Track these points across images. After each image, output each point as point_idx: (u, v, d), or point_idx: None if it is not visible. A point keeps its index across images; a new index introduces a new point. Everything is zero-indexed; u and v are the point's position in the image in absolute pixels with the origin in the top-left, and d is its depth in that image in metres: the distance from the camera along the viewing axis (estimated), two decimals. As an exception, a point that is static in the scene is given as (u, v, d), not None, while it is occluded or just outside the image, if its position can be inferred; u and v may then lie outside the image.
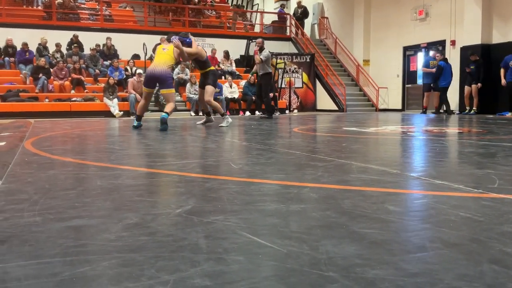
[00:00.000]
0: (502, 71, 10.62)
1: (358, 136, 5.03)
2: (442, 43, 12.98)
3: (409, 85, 14.59)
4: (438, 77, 11.76)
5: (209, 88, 6.83)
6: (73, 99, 11.63)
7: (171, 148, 3.92)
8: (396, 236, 1.34)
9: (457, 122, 8.12)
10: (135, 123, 6.31)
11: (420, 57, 14.07)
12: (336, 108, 14.67)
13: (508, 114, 10.37)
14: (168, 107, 6.21)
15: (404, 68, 14.62)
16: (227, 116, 7.08)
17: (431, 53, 12.53)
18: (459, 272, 1.03)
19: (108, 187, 2.08)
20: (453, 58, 12.24)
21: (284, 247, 1.21)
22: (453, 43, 12.70)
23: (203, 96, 6.98)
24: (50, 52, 13.19)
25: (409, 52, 14.50)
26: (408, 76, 14.64)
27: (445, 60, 11.88)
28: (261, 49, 9.39)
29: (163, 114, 6.03)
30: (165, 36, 6.82)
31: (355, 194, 1.91)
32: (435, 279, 1.00)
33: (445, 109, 12.03)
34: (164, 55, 6.21)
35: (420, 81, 14.16)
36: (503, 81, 10.55)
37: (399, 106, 14.60)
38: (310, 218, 1.51)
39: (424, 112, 12.12)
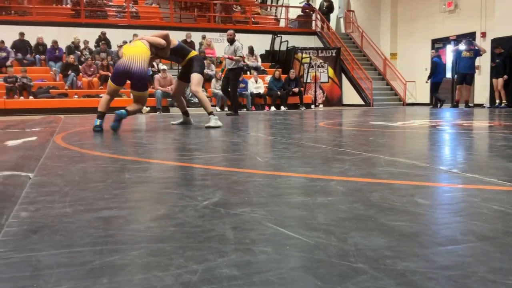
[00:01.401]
0: None
1: (386, 130, 4.95)
2: (472, 35, 12.66)
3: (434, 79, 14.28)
4: (433, 73, 12.20)
5: (195, 76, 5.53)
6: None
7: (197, 142, 3.95)
8: (426, 228, 1.31)
9: (488, 116, 7.91)
10: (97, 123, 4.97)
11: (450, 50, 13.76)
12: (363, 103, 14.50)
13: None
14: (133, 106, 5.16)
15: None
16: (215, 116, 5.66)
17: (463, 44, 12.24)
18: (493, 265, 1.00)
19: (136, 179, 2.11)
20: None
21: (312, 239, 1.20)
22: (483, 35, 12.38)
23: (179, 90, 6.03)
24: (80, 49, 13.44)
25: (437, 45, 14.20)
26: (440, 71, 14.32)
27: (439, 56, 12.15)
28: (232, 41, 8.99)
29: (121, 110, 4.95)
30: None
31: (383, 187, 1.88)
32: (468, 271, 0.97)
33: (439, 103, 12.45)
34: (135, 48, 5.09)
35: (449, 74, 13.86)
36: None
37: (427, 100, 14.34)
38: (337, 211, 1.49)
39: (456, 106, 11.86)
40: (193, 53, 5.78)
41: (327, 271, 0.98)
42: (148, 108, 11.67)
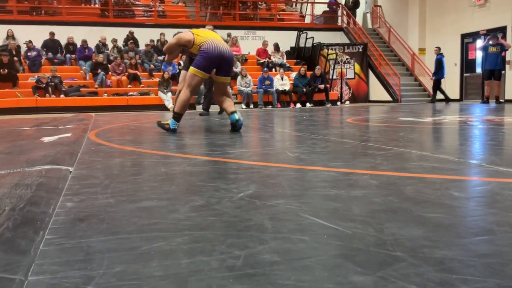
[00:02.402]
0: None
1: (415, 126, 4.91)
2: (503, 29, 12.36)
3: (468, 74, 14.02)
4: (438, 70, 12.38)
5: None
6: (130, 93, 12.06)
7: (226, 138, 4.00)
8: (462, 220, 1.32)
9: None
10: (176, 126, 4.47)
11: (479, 45, 13.47)
12: (390, 99, 14.34)
13: None
14: (231, 103, 4.53)
15: (462, 57, 14.06)
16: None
17: (490, 40, 11.98)
18: (532, 255, 1.01)
19: (171, 173, 2.17)
20: (516, 44, 11.64)
21: (349, 229, 1.23)
22: (515, 29, 12.07)
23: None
24: (108, 48, 13.71)
25: (467, 39, 13.92)
26: (466, 64, 14.07)
27: (442, 54, 12.32)
28: None
29: (236, 116, 4.33)
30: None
31: (417, 181, 1.88)
32: (506, 259, 0.99)
33: (444, 97, 12.81)
34: (210, 32, 4.59)
35: (478, 70, 13.59)
36: None
37: (457, 96, 14.07)
38: (372, 203, 1.52)
39: (486, 102, 11.62)
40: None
41: (366, 258, 1.01)
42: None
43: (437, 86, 13.02)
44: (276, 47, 14.86)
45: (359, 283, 0.88)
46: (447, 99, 12.81)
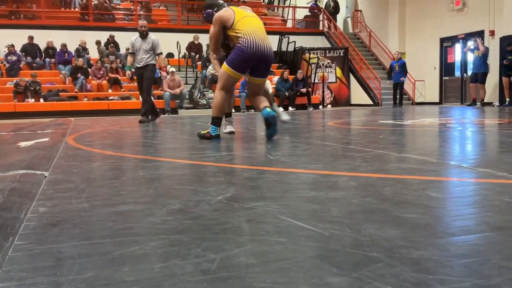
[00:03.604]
0: None
1: (395, 128, 4.95)
2: (480, 33, 12.59)
3: (447, 78, 14.23)
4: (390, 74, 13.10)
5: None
6: (111, 97, 11.93)
7: (206, 142, 3.97)
8: (440, 220, 1.32)
9: (497, 114, 7.87)
10: (217, 131, 3.91)
11: (458, 48, 13.71)
12: (371, 103, 14.47)
13: None
14: (264, 99, 3.86)
15: (442, 60, 14.27)
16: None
17: (472, 43, 12.19)
18: (507, 253, 1.02)
19: (149, 177, 2.14)
20: (493, 49, 11.86)
21: (326, 230, 1.22)
22: (492, 33, 12.30)
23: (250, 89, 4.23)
24: (89, 52, 13.56)
25: (446, 43, 14.14)
26: (446, 68, 14.28)
27: (400, 58, 12.77)
28: (146, 34, 7.20)
29: (268, 109, 3.68)
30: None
31: (395, 182, 1.89)
32: (483, 259, 0.98)
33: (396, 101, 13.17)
34: (258, 19, 3.91)
35: (457, 73, 13.81)
36: None
37: (437, 99, 14.27)
38: (350, 204, 1.51)
39: (473, 104, 11.79)
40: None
41: (343, 259, 1.00)
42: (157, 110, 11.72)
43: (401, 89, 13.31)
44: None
45: (334, 284, 0.86)
46: (395, 103, 13.15)
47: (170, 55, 14.63)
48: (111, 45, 13.63)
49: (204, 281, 0.89)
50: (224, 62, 3.80)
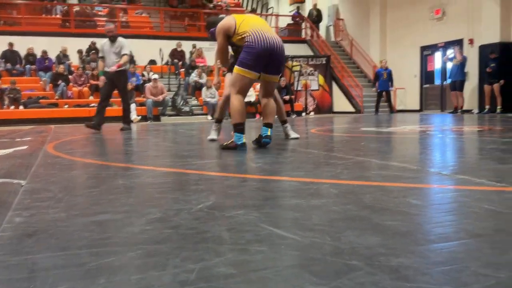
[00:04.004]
0: None
1: (377, 136, 5.00)
2: (459, 42, 12.83)
3: (427, 85, 14.45)
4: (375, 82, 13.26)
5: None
6: (92, 104, 11.79)
7: (189, 149, 3.95)
8: (419, 227, 1.33)
9: (477, 121, 8.01)
10: (243, 139, 3.55)
11: (438, 56, 13.94)
12: (353, 110, 14.59)
13: None
14: (272, 111, 3.79)
15: (422, 68, 14.49)
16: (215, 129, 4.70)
17: (451, 51, 12.41)
18: (485, 260, 1.02)
19: (129, 185, 2.11)
20: (472, 57, 12.09)
21: (307, 238, 1.21)
22: (471, 41, 12.55)
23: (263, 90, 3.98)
24: (70, 59, 13.42)
25: (426, 52, 14.37)
26: (426, 76, 14.50)
27: (382, 67, 13.03)
28: (115, 37, 6.84)
29: (268, 132, 3.67)
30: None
31: (376, 189, 1.90)
32: (461, 266, 0.99)
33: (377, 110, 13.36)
34: (260, 20, 3.82)
35: (437, 81, 14.04)
36: None
37: (417, 107, 14.47)
38: (331, 212, 1.51)
39: (455, 112, 11.97)
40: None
41: (323, 268, 1.00)
42: (139, 117, 11.65)
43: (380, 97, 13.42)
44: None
45: (314, 293, 0.86)
46: (376, 111, 13.27)
47: (152, 62, 14.57)
48: (93, 51, 13.51)
49: (182, 292, 0.87)
50: (235, 65, 3.58)
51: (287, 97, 12.90)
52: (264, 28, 3.60)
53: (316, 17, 17.40)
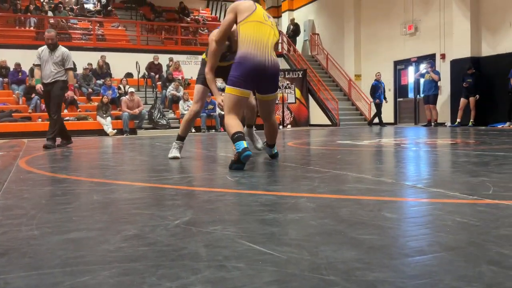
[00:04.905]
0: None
1: (353, 149, 5.06)
2: (432, 57, 13.15)
3: (401, 99, 14.72)
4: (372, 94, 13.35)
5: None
6: (66, 118, 11.61)
7: (166, 163, 3.92)
8: (394, 241, 1.34)
9: (450, 134, 8.19)
10: (242, 145, 3.08)
11: (411, 71, 14.25)
12: (329, 123, 14.75)
13: (506, 125, 10.45)
14: (275, 133, 3.77)
15: (395, 82, 14.77)
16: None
17: (424, 66, 12.70)
18: (458, 274, 1.04)
19: (104, 201, 2.08)
20: (444, 71, 12.40)
21: (284, 254, 1.21)
22: (443, 56, 12.87)
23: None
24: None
25: (399, 66, 14.67)
26: (399, 90, 14.78)
27: (376, 80, 13.33)
28: (55, 46, 6.31)
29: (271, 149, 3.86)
30: None
31: (352, 202, 1.92)
32: (435, 280, 1.01)
33: (378, 121, 13.37)
34: (269, 28, 3.41)
35: (411, 95, 14.34)
36: None
37: (391, 120, 14.71)
38: (308, 226, 1.52)
39: (428, 125, 12.21)
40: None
41: (300, 284, 1.00)
42: (115, 131, 11.51)
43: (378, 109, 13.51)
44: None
45: (291, 310, 0.86)
46: (381, 123, 13.34)
47: (129, 75, 14.47)
48: (68, 64, 13.33)
49: (158, 311, 0.86)
50: (226, 85, 3.37)
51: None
52: (263, 42, 3.31)
53: (292, 32, 17.62)
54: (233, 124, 3.23)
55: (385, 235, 1.40)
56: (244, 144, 3.08)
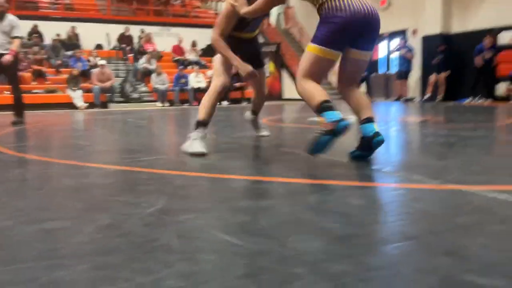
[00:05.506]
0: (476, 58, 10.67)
1: (324, 127, 5.13)
2: (403, 32, 13.27)
3: (372, 74, 14.87)
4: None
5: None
6: (35, 91, 11.32)
7: (138, 142, 3.91)
8: (359, 230, 1.41)
9: (419, 110, 8.37)
10: (336, 116, 2.46)
11: (383, 46, 14.36)
12: (303, 97, 14.83)
13: (468, 100, 10.73)
14: (369, 104, 2.85)
15: (368, 57, 14.86)
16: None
17: (400, 45, 12.80)
18: (416, 265, 1.12)
19: (77, 186, 2.09)
20: (415, 47, 12.55)
21: (255, 244, 1.27)
22: (414, 32, 13.01)
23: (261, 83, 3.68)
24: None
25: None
26: (371, 65, 14.90)
27: None
28: (2, 15, 5.90)
29: (376, 128, 2.71)
30: None
31: (321, 188, 1.98)
32: (395, 272, 1.08)
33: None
34: None
35: (382, 70, 14.50)
36: (478, 60, 10.56)
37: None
38: (278, 214, 1.57)
39: (399, 100, 12.40)
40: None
41: (268, 278, 1.05)
42: (86, 104, 11.31)
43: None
44: (192, 45, 14.75)
45: (259, 305, 0.91)
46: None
47: (99, 46, 14.13)
48: (35, 35, 12.92)
49: (133, 308, 0.90)
50: (310, 42, 2.68)
51: (238, 84, 12.92)
52: None
53: (266, 4, 17.42)
54: (316, 90, 2.57)
55: (350, 223, 1.46)
56: (338, 114, 2.46)
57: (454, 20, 11.96)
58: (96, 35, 13.87)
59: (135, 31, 14.41)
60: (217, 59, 3.27)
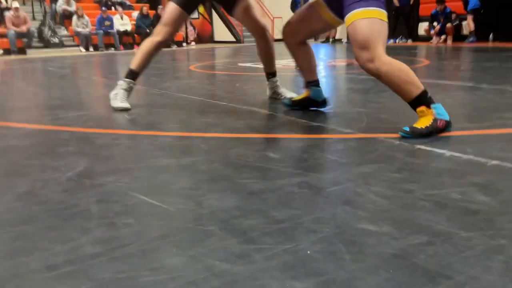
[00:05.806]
0: None
1: (252, 74, 5.18)
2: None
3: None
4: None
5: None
6: None
7: (59, 96, 3.77)
8: (271, 184, 1.51)
9: (345, 53, 8.61)
10: (440, 110, 2.11)
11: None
12: (234, 40, 14.64)
13: (389, 42, 11.12)
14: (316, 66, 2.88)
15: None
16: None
17: None
18: (317, 215, 1.24)
19: (-7, 150, 2.03)
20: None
21: (173, 205, 1.34)
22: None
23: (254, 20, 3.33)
24: None
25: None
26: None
27: None
28: None
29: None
30: None
31: (241, 142, 2.07)
32: (297, 223, 1.20)
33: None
34: None
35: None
36: (396, 1, 10.98)
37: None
38: (198, 173, 1.65)
39: (327, 41, 12.56)
40: None
41: (183, 237, 1.14)
42: (1, 51, 10.52)
43: None
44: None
45: (171, 265, 1.00)
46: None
47: (11, -14, 12.94)
48: None
49: (49, 278, 0.95)
50: (365, 7, 2.11)
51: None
52: None
53: None
54: (411, 73, 2.13)
55: (264, 178, 1.57)
56: (445, 111, 2.12)
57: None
58: (6, -26, 12.66)
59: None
60: (170, 7, 2.87)
